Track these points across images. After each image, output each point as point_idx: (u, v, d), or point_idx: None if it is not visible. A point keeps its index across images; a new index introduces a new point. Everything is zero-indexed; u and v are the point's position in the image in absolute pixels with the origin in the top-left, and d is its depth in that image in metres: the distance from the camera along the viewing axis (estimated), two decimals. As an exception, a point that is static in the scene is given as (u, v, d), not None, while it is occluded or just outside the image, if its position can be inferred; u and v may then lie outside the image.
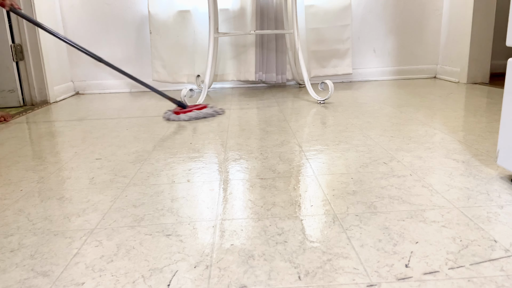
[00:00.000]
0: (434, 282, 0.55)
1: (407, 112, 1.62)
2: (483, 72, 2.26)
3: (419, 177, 0.93)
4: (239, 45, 2.37)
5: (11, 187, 0.98)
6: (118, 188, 0.94)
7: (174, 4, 2.31)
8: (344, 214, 0.76)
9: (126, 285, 0.57)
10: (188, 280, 0.58)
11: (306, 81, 2.00)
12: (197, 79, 2.36)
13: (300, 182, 0.93)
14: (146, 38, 2.44)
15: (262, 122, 1.55)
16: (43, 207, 0.86)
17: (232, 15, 2.34)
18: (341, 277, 0.57)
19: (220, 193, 0.89)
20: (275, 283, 0.56)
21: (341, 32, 2.38)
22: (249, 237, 0.69)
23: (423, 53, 2.55)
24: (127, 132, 1.48)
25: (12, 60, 2.06)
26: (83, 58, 2.45)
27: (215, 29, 1.99)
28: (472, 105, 1.69)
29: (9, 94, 2.10)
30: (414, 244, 0.64)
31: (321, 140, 1.27)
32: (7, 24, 2.02)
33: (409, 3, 2.47)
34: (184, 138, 1.36)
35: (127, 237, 0.71)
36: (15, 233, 0.74)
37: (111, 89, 2.51)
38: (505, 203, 0.78)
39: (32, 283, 0.59)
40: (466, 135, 1.25)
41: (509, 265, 0.58)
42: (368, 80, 2.57)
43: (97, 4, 2.38)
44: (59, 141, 1.39)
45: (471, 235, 0.66)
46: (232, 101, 2.04)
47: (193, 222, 0.75)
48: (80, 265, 0.63)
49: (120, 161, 1.15)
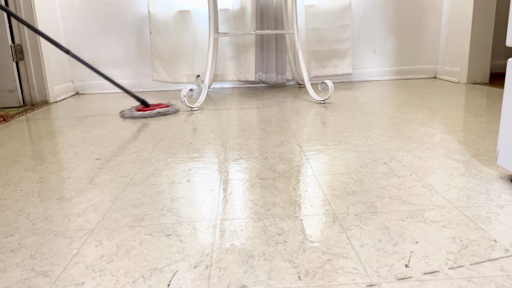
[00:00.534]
0: (434, 282, 0.55)
1: (407, 112, 1.62)
2: (483, 72, 2.26)
3: (419, 177, 0.93)
4: (239, 45, 2.37)
5: (11, 187, 0.98)
6: (118, 188, 0.94)
7: (174, 4, 2.31)
8: (344, 214, 0.76)
9: (126, 285, 0.57)
10: (188, 280, 0.58)
11: (306, 81, 2.00)
12: (197, 79, 2.36)
13: (300, 182, 0.93)
14: (146, 38, 2.44)
15: (262, 122, 1.55)
16: (43, 207, 0.86)
17: (232, 15, 2.34)
18: (341, 277, 0.57)
19: (220, 193, 0.89)
20: (275, 283, 0.56)
21: (341, 32, 2.38)
22: (249, 237, 0.69)
23: (423, 53, 2.55)
24: (127, 132, 1.48)
25: (12, 60, 2.06)
26: (83, 58, 2.45)
27: (215, 29, 1.99)
28: (472, 105, 1.69)
29: (9, 94, 2.10)
30: (414, 244, 0.64)
31: (321, 140, 1.27)
32: (7, 24, 2.02)
33: (409, 3, 2.47)
34: (184, 138, 1.36)
35: (127, 237, 0.71)
36: (15, 233, 0.74)
37: (111, 89, 2.51)
38: (505, 203, 0.78)
39: (32, 283, 0.59)
40: (466, 135, 1.25)
41: (509, 265, 0.58)
42: (368, 80, 2.57)
43: (97, 4, 2.38)
44: (59, 141, 1.39)
45: (471, 235, 0.67)
46: (232, 101, 2.04)
47: (193, 222, 0.75)
48: (80, 265, 0.63)
49: (120, 161, 1.15)
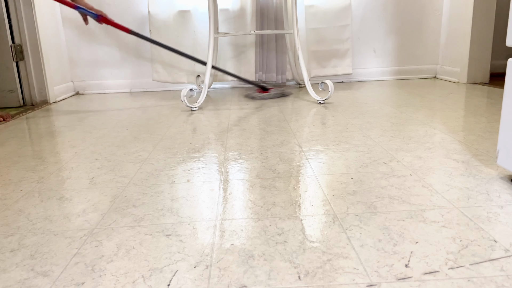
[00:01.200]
0: (434, 282, 0.55)
1: (407, 112, 1.62)
2: (483, 72, 2.26)
3: (419, 177, 0.93)
4: (239, 45, 2.37)
5: (11, 187, 0.98)
6: (118, 188, 0.94)
7: (174, 4, 2.31)
8: (344, 214, 0.76)
9: (126, 285, 0.57)
10: (188, 280, 0.58)
11: (306, 81, 2.00)
12: (197, 79, 2.36)
13: (300, 182, 0.93)
14: (146, 38, 2.44)
15: (262, 122, 1.55)
16: (43, 207, 0.86)
17: (232, 15, 2.34)
18: (341, 277, 0.57)
19: (220, 193, 0.89)
20: (275, 283, 0.56)
21: (341, 32, 2.38)
22: (249, 237, 0.69)
23: (423, 53, 2.55)
24: (127, 132, 1.48)
25: (12, 60, 2.06)
26: (83, 58, 2.45)
27: (215, 29, 1.99)
28: (472, 105, 1.69)
29: (9, 94, 2.10)
30: (414, 244, 0.64)
31: (321, 140, 1.27)
32: (7, 24, 2.02)
33: (409, 3, 2.47)
34: (184, 138, 1.36)
35: (127, 237, 0.71)
36: (15, 233, 0.74)
37: (111, 89, 2.51)
38: (505, 203, 0.78)
39: (32, 283, 0.59)
40: (466, 135, 1.25)
41: (509, 265, 0.58)
42: (368, 80, 2.57)
43: (97, 4, 2.38)
44: (59, 141, 1.39)
45: (471, 235, 0.66)
46: (232, 101, 2.04)
47: (193, 222, 0.75)
48: (80, 265, 0.63)
49: (120, 161, 1.15)
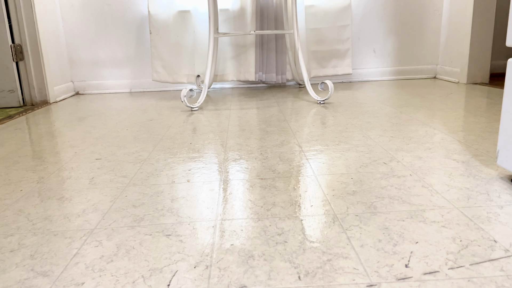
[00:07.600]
0: (434, 282, 0.55)
1: (407, 112, 1.62)
2: (483, 72, 2.26)
3: (419, 177, 0.93)
4: (239, 45, 2.37)
5: (11, 187, 0.98)
6: (118, 188, 0.94)
7: (174, 4, 2.31)
8: (344, 214, 0.76)
9: (126, 285, 0.57)
10: (188, 280, 0.58)
11: (306, 81, 2.00)
12: (197, 79, 2.36)
13: (300, 182, 0.93)
14: (146, 38, 2.44)
15: (262, 122, 1.55)
16: (43, 207, 0.86)
17: (232, 15, 2.34)
18: (341, 277, 0.57)
19: (220, 193, 0.89)
20: (275, 283, 0.56)
21: (341, 32, 2.38)
22: (249, 237, 0.69)
23: (423, 53, 2.55)
24: (127, 132, 1.48)
25: (12, 60, 2.06)
26: (83, 58, 2.45)
27: (215, 29, 1.99)
28: (472, 105, 1.69)
29: (9, 94, 2.10)
30: (414, 244, 0.64)
31: (321, 140, 1.27)
32: (7, 24, 2.02)
33: (409, 3, 2.47)
34: (184, 138, 1.36)
35: (127, 237, 0.71)
36: (15, 233, 0.74)
37: (111, 89, 2.51)
38: (505, 203, 0.78)
39: (32, 283, 0.59)
40: (466, 135, 1.25)
41: (509, 265, 0.58)
42: (368, 80, 2.57)
43: (97, 4, 2.38)
44: (59, 141, 1.39)
45: (471, 235, 0.66)
46: (232, 101, 2.04)
47: (193, 222, 0.75)
48: (80, 265, 0.63)
49: (120, 161, 1.15)
